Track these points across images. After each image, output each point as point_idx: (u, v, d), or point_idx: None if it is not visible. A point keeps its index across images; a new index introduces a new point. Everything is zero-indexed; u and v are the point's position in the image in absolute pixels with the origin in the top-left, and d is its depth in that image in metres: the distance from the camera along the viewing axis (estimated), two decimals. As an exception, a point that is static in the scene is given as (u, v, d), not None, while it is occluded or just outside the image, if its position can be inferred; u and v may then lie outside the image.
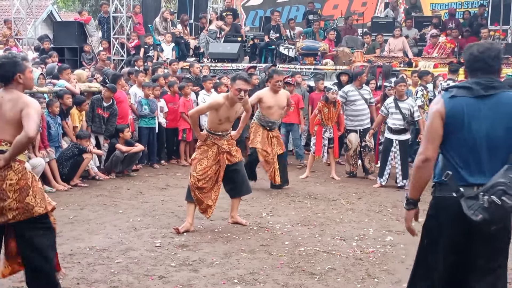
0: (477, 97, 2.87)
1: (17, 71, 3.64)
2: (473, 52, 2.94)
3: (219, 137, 5.78)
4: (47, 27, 21.51)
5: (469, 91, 2.89)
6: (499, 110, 2.86)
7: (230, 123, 5.86)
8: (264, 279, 4.42)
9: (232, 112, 5.75)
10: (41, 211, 3.69)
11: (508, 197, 2.68)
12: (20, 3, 14.79)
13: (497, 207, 2.70)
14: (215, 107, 5.68)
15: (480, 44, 3.00)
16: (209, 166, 5.71)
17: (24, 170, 3.67)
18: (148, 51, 13.08)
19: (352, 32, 14.28)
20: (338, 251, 5.16)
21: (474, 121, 2.86)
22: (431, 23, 13.88)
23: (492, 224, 2.76)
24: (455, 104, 2.89)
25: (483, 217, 2.72)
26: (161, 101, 9.72)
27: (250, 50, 13.72)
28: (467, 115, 2.86)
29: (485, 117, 2.85)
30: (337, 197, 7.51)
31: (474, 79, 2.92)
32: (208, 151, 5.74)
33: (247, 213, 6.50)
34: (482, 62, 2.90)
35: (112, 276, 4.41)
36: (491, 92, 2.87)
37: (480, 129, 2.85)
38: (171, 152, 10.22)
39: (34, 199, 3.68)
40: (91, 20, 14.30)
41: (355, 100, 8.84)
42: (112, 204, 6.92)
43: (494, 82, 2.90)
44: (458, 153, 2.90)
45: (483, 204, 2.72)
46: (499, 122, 2.85)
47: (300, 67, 12.12)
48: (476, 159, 2.87)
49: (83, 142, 8.14)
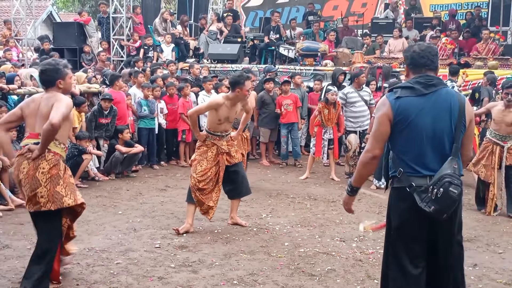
0: (420, 95, 3.11)
1: (58, 77, 3.99)
2: (415, 50, 3.19)
3: (218, 138, 5.77)
4: (47, 27, 21.51)
5: (412, 91, 3.12)
6: (439, 106, 3.10)
7: (229, 124, 5.86)
8: (263, 280, 4.41)
9: (232, 113, 5.75)
10: (70, 202, 3.98)
11: (454, 187, 2.98)
12: (19, 4, 14.77)
13: (445, 197, 2.98)
14: (214, 107, 5.69)
15: (420, 44, 3.27)
16: (209, 167, 5.70)
17: (57, 161, 3.96)
18: (148, 52, 13.07)
19: (349, 32, 14.28)
20: (338, 252, 5.16)
21: (419, 118, 3.08)
22: (431, 24, 13.89)
23: (443, 213, 3.02)
24: (400, 104, 3.11)
25: (434, 208, 3.00)
26: (161, 102, 9.71)
27: (250, 51, 13.71)
28: (412, 113, 3.09)
29: (428, 113, 3.09)
30: (337, 198, 7.50)
31: (415, 79, 3.16)
32: (207, 152, 5.74)
33: (246, 214, 6.50)
34: (426, 58, 3.15)
35: (112, 277, 4.41)
36: (432, 89, 3.11)
37: (425, 125, 3.08)
38: (170, 153, 10.21)
39: (64, 190, 3.96)
40: (90, 21, 14.28)
41: (355, 101, 8.85)
42: (111, 205, 6.92)
43: (433, 79, 3.14)
44: (408, 149, 3.12)
45: (432, 196, 2.99)
46: (441, 117, 3.10)
47: (300, 68, 12.12)
48: (425, 153, 3.09)
49: (82, 143, 8.14)
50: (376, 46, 13.17)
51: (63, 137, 4.05)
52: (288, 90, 9.99)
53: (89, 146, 8.22)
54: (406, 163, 3.13)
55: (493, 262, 4.99)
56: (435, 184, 3.01)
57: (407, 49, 3.30)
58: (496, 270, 4.77)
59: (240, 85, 5.63)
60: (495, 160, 6.68)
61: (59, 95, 3.94)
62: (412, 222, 3.13)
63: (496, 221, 6.48)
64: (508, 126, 6.66)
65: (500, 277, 4.61)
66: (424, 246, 3.16)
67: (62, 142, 4.05)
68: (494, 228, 6.17)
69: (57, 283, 4.24)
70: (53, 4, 25.03)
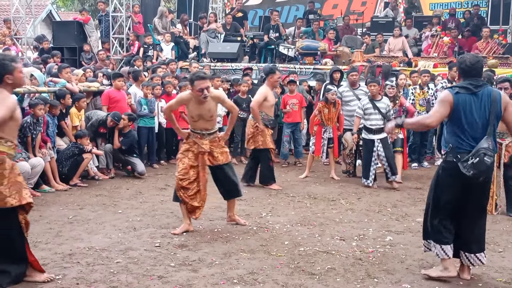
0: (471, 93, 4.26)
1: (5, 73, 3.90)
2: (467, 64, 4.31)
3: (199, 136, 5.67)
4: (46, 26, 21.52)
5: (467, 90, 4.28)
6: (482, 100, 4.25)
7: (207, 122, 5.66)
8: (263, 279, 4.41)
9: (203, 110, 5.58)
10: (13, 202, 3.90)
11: (488, 157, 4.11)
12: (19, 3, 14.77)
13: (481, 164, 4.10)
14: (183, 102, 5.63)
15: (470, 57, 4.39)
16: (189, 165, 5.62)
17: (2, 160, 3.88)
18: (148, 51, 13.07)
19: (350, 31, 14.28)
20: (337, 251, 5.16)
21: (471, 110, 4.23)
22: (430, 23, 13.88)
23: (480, 176, 4.17)
24: (458, 98, 4.27)
25: (473, 172, 4.13)
26: (162, 101, 9.70)
27: (250, 50, 13.71)
28: (466, 105, 4.24)
29: (476, 106, 4.25)
30: (337, 197, 7.51)
31: (469, 81, 4.30)
32: (189, 150, 5.68)
33: (246, 213, 6.50)
34: (475, 71, 4.33)
35: (112, 276, 4.41)
36: (479, 89, 4.27)
37: (474, 115, 4.23)
38: (170, 152, 10.20)
39: (8, 190, 3.88)
40: (90, 20, 14.28)
41: (349, 100, 9.03)
42: (111, 204, 6.92)
43: (480, 82, 4.31)
44: (460, 130, 4.26)
45: (472, 163, 4.13)
46: (483, 108, 4.24)
47: (300, 67, 12.11)
48: (471, 134, 4.24)
49: (82, 141, 8.14)
50: (376, 45, 13.17)
51: (9, 134, 3.98)
52: (293, 89, 10.00)
53: (89, 145, 8.22)
54: (456, 141, 4.27)
55: (493, 260, 4.99)
56: (473, 155, 4.13)
57: (461, 60, 4.38)
58: (496, 269, 4.77)
59: (191, 85, 5.52)
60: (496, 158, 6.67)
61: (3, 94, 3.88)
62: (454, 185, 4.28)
63: (495, 220, 6.48)
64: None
65: (500, 276, 4.61)
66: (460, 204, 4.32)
67: (9, 140, 3.98)
68: (494, 227, 6.16)
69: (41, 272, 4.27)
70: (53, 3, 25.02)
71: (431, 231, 4.45)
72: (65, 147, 8.20)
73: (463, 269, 4.51)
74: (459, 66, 4.40)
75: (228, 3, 18.48)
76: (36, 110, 7.36)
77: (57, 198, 7.17)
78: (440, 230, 4.39)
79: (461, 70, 4.37)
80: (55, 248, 5.09)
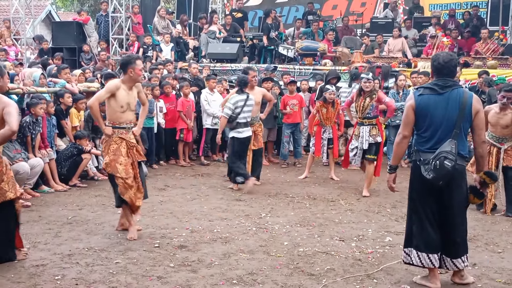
0: (437, 94, 4.16)
1: None
2: (440, 61, 4.20)
3: (125, 131, 5.54)
4: (46, 27, 21.50)
5: (431, 90, 4.21)
6: (450, 102, 4.13)
7: (132, 113, 5.60)
8: (263, 279, 4.41)
9: (132, 98, 5.54)
10: (11, 195, 4.48)
11: (448, 161, 3.99)
12: (18, 3, 14.77)
13: (441, 168, 4.00)
14: (113, 91, 5.39)
15: (444, 55, 4.26)
16: (128, 162, 5.49)
17: (0, 158, 4.35)
18: (147, 51, 13.07)
19: (349, 32, 14.29)
20: (337, 251, 5.16)
21: (434, 111, 4.15)
22: (430, 24, 13.89)
23: (440, 180, 4.06)
24: (422, 99, 4.21)
25: (433, 175, 4.05)
26: (160, 101, 9.70)
27: (249, 50, 13.71)
28: (430, 106, 4.16)
29: (441, 107, 4.13)
30: (336, 198, 7.51)
31: (435, 81, 4.24)
32: (119, 148, 5.49)
33: (246, 214, 6.50)
34: (447, 70, 4.20)
35: (111, 277, 4.41)
36: (446, 90, 4.16)
37: (438, 116, 4.13)
38: (169, 152, 10.20)
39: (7, 185, 4.45)
40: (89, 20, 14.28)
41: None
42: (111, 204, 6.90)
43: (448, 82, 4.18)
44: (422, 131, 4.21)
45: (431, 166, 4.04)
46: (450, 110, 4.11)
47: (300, 68, 12.12)
48: (434, 136, 4.15)
49: (82, 142, 8.13)
50: (375, 46, 13.17)
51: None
52: (293, 90, 10.03)
53: (89, 145, 8.21)
54: (419, 143, 4.22)
55: (492, 261, 4.99)
56: (434, 158, 4.03)
57: (434, 58, 4.28)
58: (495, 270, 4.77)
59: (132, 65, 5.41)
60: (492, 161, 6.68)
61: (3, 98, 4.27)
62: (423, 184, 4.19)
63: (495, 221, 6.49)
64: (504, 128, 6.66)
65: (499, 277, 4.61)
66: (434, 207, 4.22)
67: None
68: (493, 228, 6.17)
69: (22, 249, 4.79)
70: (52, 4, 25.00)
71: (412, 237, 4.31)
72: (64, 147, 8.19)
73: (454, 274, 4.42)
74: (432, 64, 4.31)
75: (227, 4, 18.48)
76: (37, 109, 7.37)
77: (56, 199, 7.17)
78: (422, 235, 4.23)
79: (434, 68, 4.27)
80: (54, 248, 5.09)
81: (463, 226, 4.29)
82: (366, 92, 7.63)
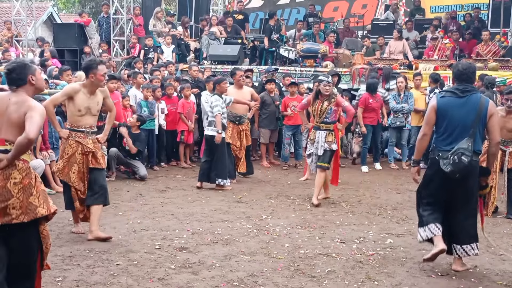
0: (457, 97, 4.63)
1: (29, 73, 3.72)
2: (459, 68, 4.71)
3: (83, 135, 5.41)
4: (47, 28, 21.54)
5: (452, 93, 4.69)
6: (468, 105, 4.59)
7: (93, 117, 5.47)
8: (264, 281, 4.41)
9: (93, 103, 5.40)
10: (43, 212, 3.67)
11: (465, 156, 4.46)
12: (20, 5, 14.80)
13: (458, 162, 4.47)
14: (70, 94, 5.31)
15: (464, 63, 4.81)
16: (81, 170, 5.42)
17: (28, 169, 3.68)
18: (148, 53, 13.08)
19: (350, 34, 14.29)
20: (338, 253, 5.15)
21: (454, 112, 4.61)
22: (431, 26, 13.88)
23: (456, 173, 4.51)
24: (443, 101, 4.69)
25: (451, 169, 4.51)
26: (162, 103, 9.70)
27: (251, 52, 13.72)
28: (450, 108, 4.62)
29: (460, 109, 4.59)
30: (337, 200, 7.50)
31: (456, 86, 4.72)
32: (74, 154, 5.39)
33: (247, 215, 6.49)
34: (465, 76, 4.68)
35: (112, 278, 4.41)
36: (466, 94, 4.62)
37: (457, 117, 4.59)
38: (170, 154, 10.20)
39: (38, 199, 3.67)
40: (91, 22, 14.32)
41: None
42: (111, 206, 6.88)
43: (468, 87, 4.67)
44: (442, 130, 4.67)
45: (450, 161, 4.50)
46: (468, 112, 4.58)
47: (301, 69, 12.12)
48: (452, 134, 4.60)
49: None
50: (377, 48, 13.15)
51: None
52: (294, 92, 10.02)
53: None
54: (438, 141, 4.68)
55: (493, 263, 4.98)
56: (452, 153, 4.50)
57: (454, 65, 4.90)
58: (497, 272, 4.77)
59: (93, 70, 5.29)
60: (496, 163, 6.67)
61: (31, 102, 3.67)
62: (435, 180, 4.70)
63: (496, 223, 6.48)
64: (509, 131, 6.65)
65: (500, 279, 4.61)
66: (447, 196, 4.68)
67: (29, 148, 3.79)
68: (495, 230, 6.16)
69: None
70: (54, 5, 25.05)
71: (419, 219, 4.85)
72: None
73: (454, 261, 4.79)
74: (452, 71, 4.89)
75: (229, 6, 18.50)
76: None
77: (57, 200, 7.12)
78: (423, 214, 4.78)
79: (454, 74, 4.81)
80: (55, 250, 5.08)
81: (474, 211, 4.74)
82: (324, 95, 7.19)
